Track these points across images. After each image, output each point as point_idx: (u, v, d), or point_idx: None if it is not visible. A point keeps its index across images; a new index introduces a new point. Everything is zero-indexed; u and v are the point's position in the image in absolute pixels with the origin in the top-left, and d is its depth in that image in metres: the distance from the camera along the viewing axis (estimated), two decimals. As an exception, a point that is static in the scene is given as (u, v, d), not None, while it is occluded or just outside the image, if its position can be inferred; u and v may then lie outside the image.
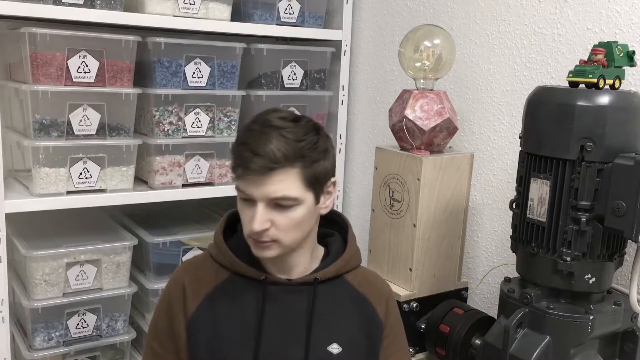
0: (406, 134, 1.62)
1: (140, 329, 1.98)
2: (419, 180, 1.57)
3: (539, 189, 1.27)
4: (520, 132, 1.35)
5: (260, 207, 1.09)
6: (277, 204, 1.09)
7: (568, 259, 1.23)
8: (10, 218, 1.66)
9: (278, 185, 1.08)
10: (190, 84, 1.90)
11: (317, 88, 2.17)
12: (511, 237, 1.37)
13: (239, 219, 1.18)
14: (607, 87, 1.25)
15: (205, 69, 1.92)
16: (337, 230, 1.30)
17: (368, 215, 1.99)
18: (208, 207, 2.29)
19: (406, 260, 1.63)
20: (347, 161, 2.31)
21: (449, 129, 1.64)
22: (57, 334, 1.79)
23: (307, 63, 2.12)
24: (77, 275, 1.80)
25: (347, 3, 2.17)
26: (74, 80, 1.72)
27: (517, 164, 1.35)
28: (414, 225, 1.59)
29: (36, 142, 1.68)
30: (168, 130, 1.88)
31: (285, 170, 1.07)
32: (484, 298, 1.79)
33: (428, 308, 1.62)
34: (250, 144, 1.08)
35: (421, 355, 1.64)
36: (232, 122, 2.00)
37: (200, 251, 1.94)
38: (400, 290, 1.62)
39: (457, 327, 1.51)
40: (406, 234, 1.62)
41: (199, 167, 1.95)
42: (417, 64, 1.67)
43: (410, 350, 1.62)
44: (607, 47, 1.26)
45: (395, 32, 2.08)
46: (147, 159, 1.92)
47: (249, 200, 1.11)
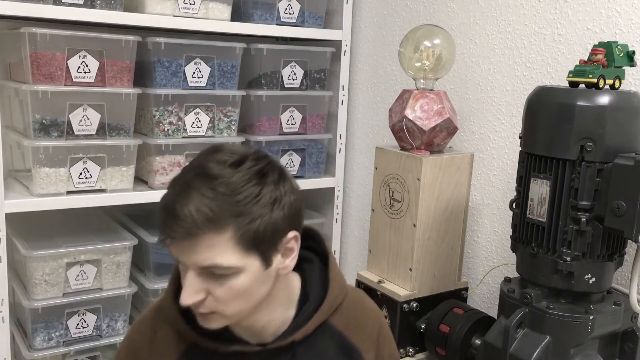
0: (406, 134, 1.62)
1: (140, 329, 1.97)
2: (419, 180, 1.57)
3: (539, 189, 1.27)
4: (520, 132, 1.35)
5: (190, 276, 0.91)
6: (211, 272, 0.91)
7: (568, 259, 1.23)
8: (10, 218, 1.66)
9: (206, 252, 0.89)
10: (190, 84, 1.90)
11: (317, 88, 2.17)
12: (511, 237, 1.37)
13: None
14: (607, 87, 1.25)
15: (205, 69, 1.92)
16: (312, 245, 1.10)
17: (368, 215, 2.00)
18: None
19: (406, 260, 1.63)
20: (347, 161, 2.31)
21: (449, 129, 1.64)
22: (57, 334, 1.79)
23: (307, 63, 2.12)
24: (77, 275, 1.80)
25: (347, 3, 2.17)
26: (74, 80, 1.72)
27: (517, 164, 1.35)
28: (414, 225, 1.59)
29: (36, 142, 1.68)
30: (168, 130, 1.88)
31: (212, 234, 0.88)
32: (484, 298, 1.79)
33: (428, 308, 1.62)
34: (169, 204, 0.89)
35: (421, 355, 1.64)
36: (232, 122, 2.00)
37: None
38: (400, 290, 1.62)
39: (457, 327, 1.51)
40: (406, 234, 1.62)
41: (199, 167, 1.95)
42: (417, 64, 1.67)
43: (410, 350, 1.62)
44: (607, 47, 1.26)
45: (395, 32, 2.08)
46: (147, 159, 1.92)
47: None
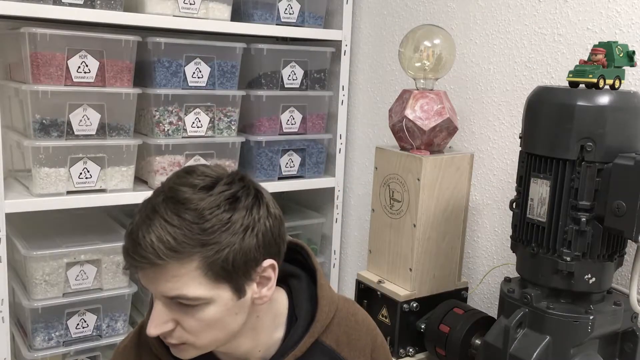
0: (406, 134, 1.62)
1: (140, 329, 1.97)
2: (419, 180, 1.57)
3: (539, 189, 1.27)
4: (520, 132, 1.35)
5: (158, 305, 0.87)
6: (179, 302, 0.86)
7: (568, 259, 1.23)
8: (10, 218, 1.66)
9: (171, 282, 0.84)
10: (190, 84, 1.90)
11: (317, 88, 2.17)
12: (511, 237, 1.37)
13: None
14: (607, 87, 1.25)
15: (205, 69, 1.92)
16: (299, 259, 1.05)
17: (368, 215, 2.00)
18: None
19: (406, 260, 1.63)
20: (347, 161, 2.31)
21: (449, 129, 1.64)
22: (57, 334, 1.79)
23: (307, 63, 2.12)
24: (77, 275, 1.80)
25: (347, 3, 2.17)
26: (74, 80, 1.72)
27: (517, 164, 1.35)
28: (414, 225, 1.59)
29: (36, 142, 1.68)
30: (168, 130, 1.88)
31: (176, 264, 0.83)
32: (484, 298, 1.79)
33: (428, 308, 1.62)
34: (133, 230, 0.85)
35: (421, 355, 1.64)
36: (232, 122, 2.00)
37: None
38: (400, 290, 1.62)
39: (457, 327, 1.51)
40: (406, 234, 1.62)
41: (199, 167, 1.95)
42: (417, 64, 1.67)
43: (410, 350, 1.62)
44: (607, 47, 1.26)
45: (395, 32, 2.08)
46: (147, 159, 1.92)
47: None
